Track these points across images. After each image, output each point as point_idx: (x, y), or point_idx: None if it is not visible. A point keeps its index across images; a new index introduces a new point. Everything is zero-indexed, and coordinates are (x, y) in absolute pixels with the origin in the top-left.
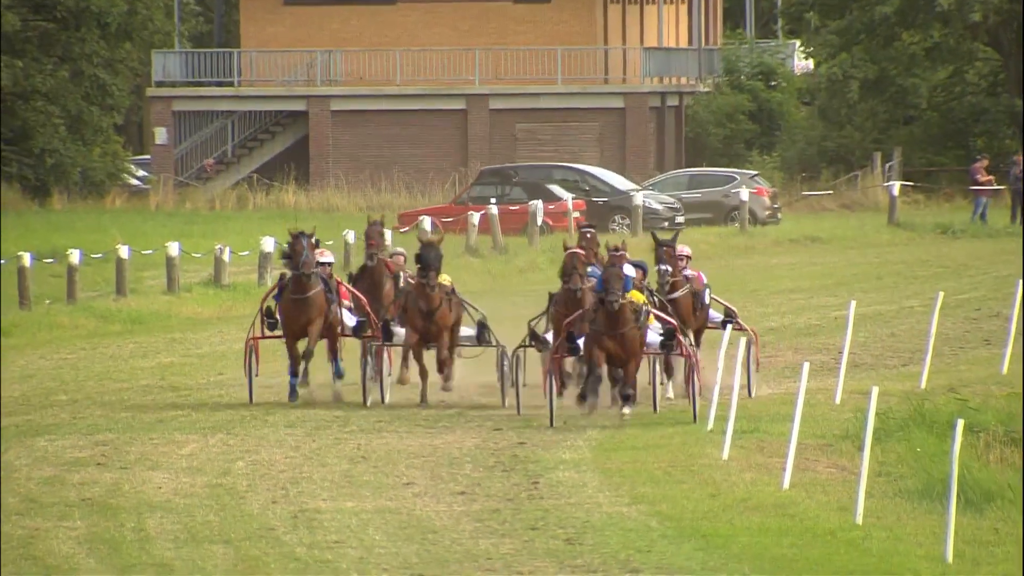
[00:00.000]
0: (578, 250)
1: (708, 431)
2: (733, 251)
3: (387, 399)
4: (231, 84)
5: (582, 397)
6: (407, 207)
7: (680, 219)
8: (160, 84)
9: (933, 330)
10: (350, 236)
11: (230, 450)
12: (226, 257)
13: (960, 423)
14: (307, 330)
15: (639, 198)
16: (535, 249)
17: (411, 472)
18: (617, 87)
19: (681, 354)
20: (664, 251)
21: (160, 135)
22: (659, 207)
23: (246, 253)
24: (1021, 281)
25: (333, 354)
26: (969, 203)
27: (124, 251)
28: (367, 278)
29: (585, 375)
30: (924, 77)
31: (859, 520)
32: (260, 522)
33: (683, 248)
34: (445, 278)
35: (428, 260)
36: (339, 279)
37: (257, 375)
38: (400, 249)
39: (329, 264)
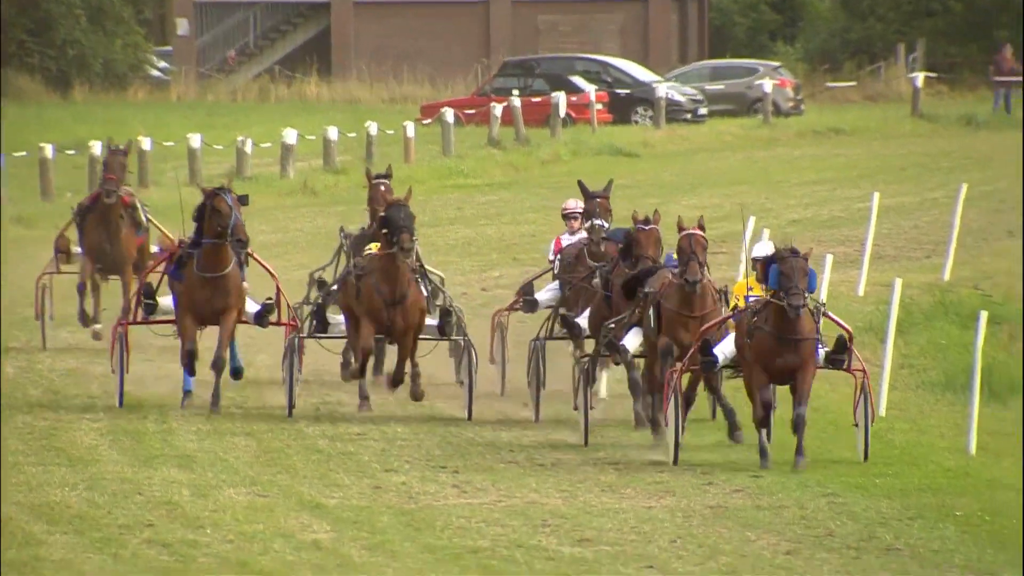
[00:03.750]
0: (697, 231)
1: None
2: (756, 143)
3: (294, 409)
4: None
5: (762, 453)
6: (429, 99)
7: (703, 111)
8: None
9: (956, 222)
10: (372, 128)
11: (253, 343)
12: (248, 149)
13: (984, 315)
14: (219, 320)
15: (662, 90)
16: (558, 141)
17: (434, 367)
18: None
19: (850, 370)
20: (598, 203)
21: (182, 26)
22: (682, 99)
23: (268, 145)
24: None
25: (229, 346)
26: (992, 94)
27: (146, 143)
28: (98, 218)
29: (757, 407)
30: None
31: (882, 412)
32: (283, 415)
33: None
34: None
35: (397, 222)
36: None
37: (128, 372)
38: (129, 188)
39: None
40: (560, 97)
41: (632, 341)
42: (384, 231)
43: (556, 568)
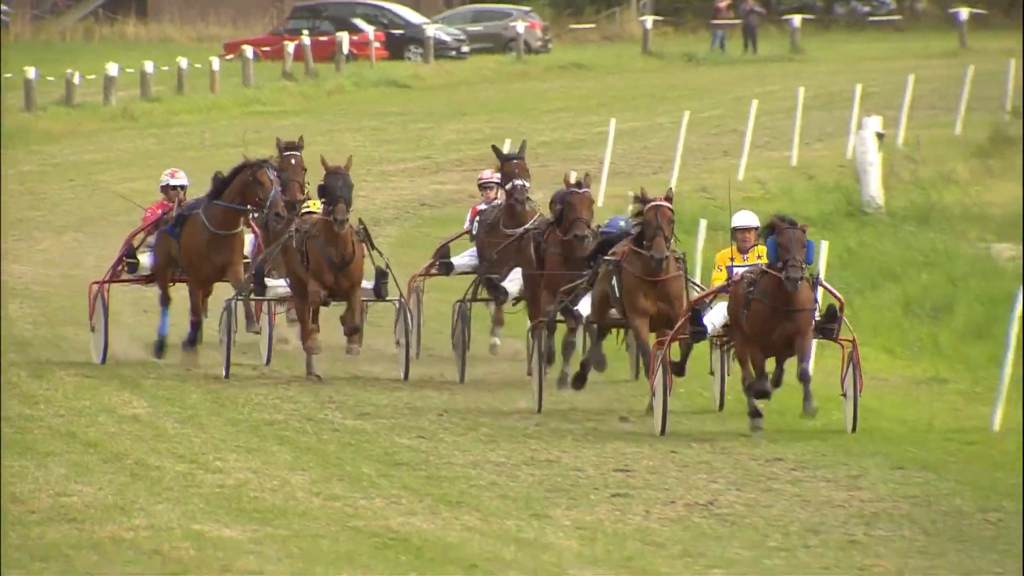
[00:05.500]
0: (664, 202)
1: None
2: (510, 77)
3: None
4: None
5: (754, 410)
6: (232, 37)
7: (465, 49)
8: None
9: (680, 144)
10: (183, 63)
11: (81, 246)
12: (76, 80)
13: (703, 222)
14: (227, 273)
15: (431, 31)
16: (342, 74)
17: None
18: None
19: (837, 339)
20: (516, 164)
21: None
22: (447, 38)
23: (93, 77)
24: (755, 102)
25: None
26: (710, 35)
27: None
28: None
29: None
30: None
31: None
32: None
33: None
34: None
35: (335, 192)
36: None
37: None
38: None
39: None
40: (344, 37)
41: (587, 306)
42: (322, 199)
43: (340, 437)
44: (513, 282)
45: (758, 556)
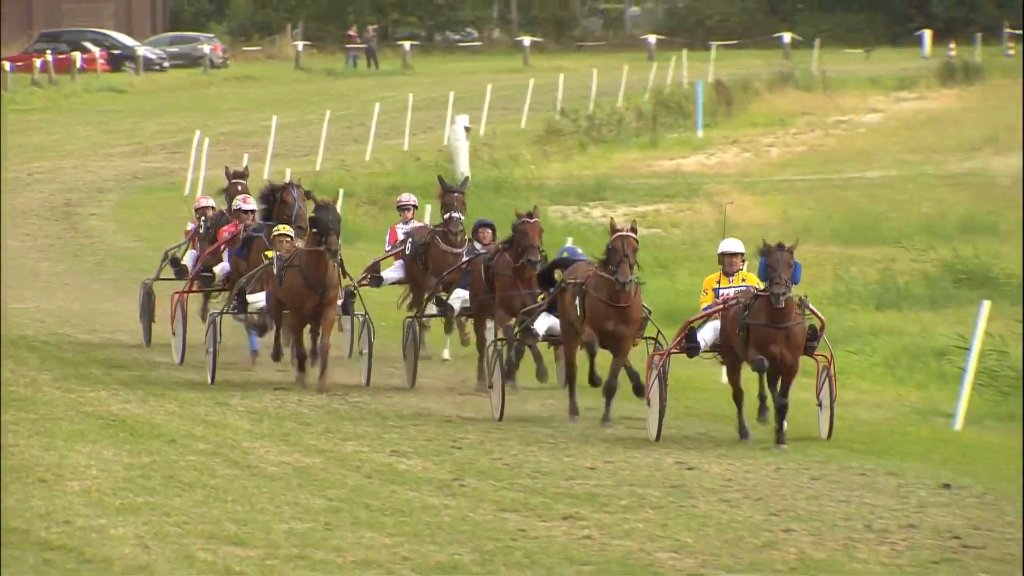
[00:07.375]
0: (630, 233)
1: None
2: (199, 85)
3: (215, 378)
4: None
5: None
6: None
7: (167, 64)
8: None
9: (324, 134)
10: None
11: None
12: None
13: (342, 191)
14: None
15: (141, 51)
16: (75, 83)
17: (29, 226)
18: None
19: (814, 355)
20: (455, 198)
21: None
22: (153, 56)
23: None
24: (378, 104)
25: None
26: (345, 55)
27: None
28: None
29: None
30: None
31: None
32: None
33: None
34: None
35: (327, 224)
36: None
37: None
38: None
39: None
40: (77, 55)
41: (542, 325)
42: (313, 230)
43: (75, 348)
44: (457, 300)
45: (379, 431)
